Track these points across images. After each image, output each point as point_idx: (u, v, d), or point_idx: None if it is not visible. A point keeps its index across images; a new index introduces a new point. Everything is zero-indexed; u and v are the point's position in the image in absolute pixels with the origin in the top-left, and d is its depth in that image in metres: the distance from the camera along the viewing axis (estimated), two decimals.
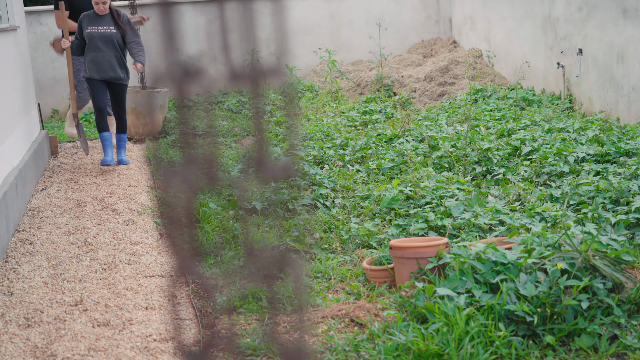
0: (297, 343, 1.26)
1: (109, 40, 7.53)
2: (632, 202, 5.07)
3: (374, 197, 5.81)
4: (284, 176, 1.28)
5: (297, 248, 4.92)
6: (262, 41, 8.83)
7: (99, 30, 7.53)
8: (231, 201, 5.88)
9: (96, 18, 7.57)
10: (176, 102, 1.36)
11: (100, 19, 7.57)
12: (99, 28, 7.54)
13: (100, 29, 7.53)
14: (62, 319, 4.15)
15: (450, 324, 3.46)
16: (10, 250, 5.34)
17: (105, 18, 7.57)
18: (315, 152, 7.34)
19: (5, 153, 6.07)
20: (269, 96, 10.79)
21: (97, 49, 7.51)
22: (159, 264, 4.98)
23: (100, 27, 7.54)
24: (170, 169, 1.25)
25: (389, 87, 11.33)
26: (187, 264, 1.26)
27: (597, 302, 3.64)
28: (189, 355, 1.28)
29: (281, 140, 7.94)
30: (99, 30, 7.53)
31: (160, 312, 4.22)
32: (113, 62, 7.57)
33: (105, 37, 7.52)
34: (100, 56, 7.52)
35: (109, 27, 7.55)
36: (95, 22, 7.57)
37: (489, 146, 6.94)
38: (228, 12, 1.29)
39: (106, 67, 7.55)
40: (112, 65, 7.56)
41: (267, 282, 1.29)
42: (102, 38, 7.52)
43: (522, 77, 10.46)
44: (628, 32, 7.87)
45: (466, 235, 4.81)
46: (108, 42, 7.53)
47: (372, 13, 12.78)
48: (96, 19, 7.57)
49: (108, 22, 7.56)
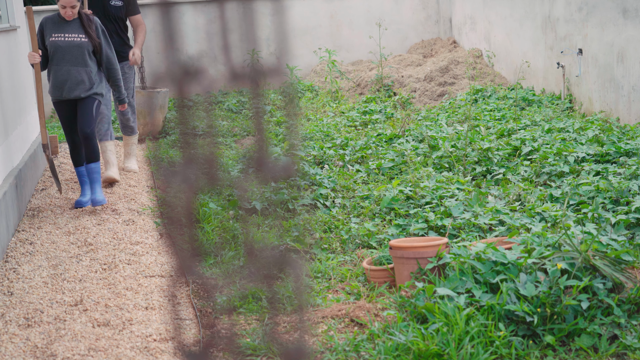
0: (297, 343, 1.26)
1: (78, 52, 6.13)
2: (632, 202, 5.07)
3: (374, 197, 5.81)
4: (284, 176, 1.28)
5: (297, 248, 4.92)
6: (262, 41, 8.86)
7: (66, 39, 6.13)
8: (231, 201, 5.88)
9: (62, 24, 6.17)
10: (176, 102, 1.36)
11: (67, 25, 6.17)
12: (65, 36, 6.14)
13: (67, 37, 6.14)
14: (62, 319, 4.15)
15: (450, 324, 3.46)
16: (10, 250, 5.34)
17: (73, 24, 6.17)
18: (315, 152, 7.34)
19: (5, 153, 6.07)
20: (269, 96, 10.79)
21: (62, 61, 6.12)
22: (159, 264, 4.98)
23: (67, 34, 6.14)
24: (170, 169, 1.25)
25: (389, 87, 11.33)
26: (187, 264, 1.26)
27: (597, 302, 3.64)
28: (189, 355, 1.28)
29: (281, 140, 7.94)
30: (65, 38, 6.13)
31: (160, 312, 4.22)
32: (80, 78, 6.14)
33: (73, 48, 6.12)
34: (66, 71, 6.12)
35: (78, 35, 6.15)
36: (60, 29, 6.16)
37: (489, 146, 6.94)
38: (228, 12, 1.29)
39: (72, 84, 6.13)
40: (78, 83, 6.13)
41: (267, 282, 1.29)
42: (69, 48, 6.12)
43: (522, 77, 10.46)
44: (628, 32, 7.87)
45: (466, 235, 4.81)
46: (76, 53, 6.13)
47: (372, 13, 12.78)
48: (62, 25, 6.17)
49: (77, 29, 6.16)
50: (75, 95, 6.13)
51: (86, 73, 6.13)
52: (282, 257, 1.27)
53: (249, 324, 3.92)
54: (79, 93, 6.14)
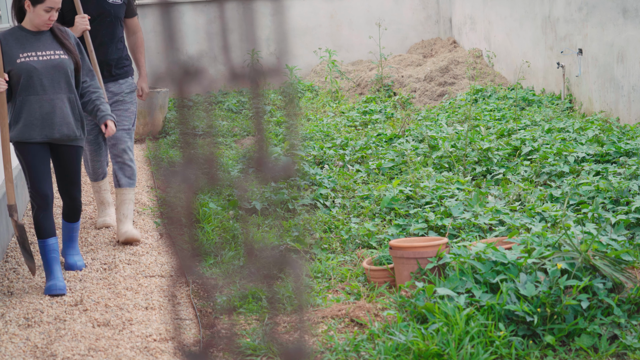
0: (297, 343, 1.27)
1: (60, 74, 4.51)
2: (632, 202, 5.07)
3: (374, 197, 5.81)
4: (284, 176, 1.28)
5: (297, 248, 4.92)
6: (262, 41, 8.87)
7: (41, 58, 4.48)
8: (231, 201, 5.88)
9: (29, 39, 4.52)
10: (176, 102, 1.36)
11: (36, 39, 4.53)
12: (38, 54, 4.49)
13: (41, 55, 4.49)
14: (62, 319, 4.15)
15: (450, 324, 3.46)
16: (10, 250, 5.34)
17: (44, 38, 4.55)
18: (315, 152, 7.34)
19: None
20: (269, 96, 10.79)
21: (39, 89, 4.47)
22: (159, 264, 4.98)
23: (41, 52, 4.50)
24: (170, 169, 1.25)
25: (389, 87, 11.33)
26: (187, 264, 1.26)
27: (597, 302, 3.64)
28: (189, 355, 1.28)
29: (281, 140, 7.94)
30: (39, 57, 4.48)
31: (160, 312, 4.22)
32: (66, 110, 4.54)
33: (52, 69, 4.50)
34: (47, 102, 4.49)
35: (55, 52, 4.53)
36: (29, 46, 4.50)
37: (489, 146, 6.94)
38: (228, 12, 1.30)
39: (56, 119, 4.52)
40: (64, 116, 4.54)
41: (267, 282, 1.29)
42: (47, 71, 4.48)
43: (522, 77, 10.47)
44: (628, 32, 7.87)
45: (466, 235, 4.81)
46: (57, 77, 4.51)
47: (372, 13, 12.78)
48: (30, 40, 4.52)
49: (50, 44, 4.54)
50: (62, 135, 4.55)
51: (69, 102, 4.55)
52: (282, 257, 1.27)
53: (249, 324, 3.92)
54: (68, 132, 4.57)
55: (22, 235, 4.57)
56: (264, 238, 5.10)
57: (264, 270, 1.27)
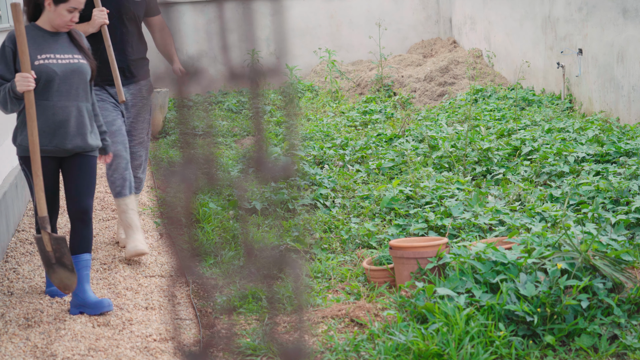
0: (297, 343, 1.26)
1: (79, 80, 4.19)
2: (632, 202, 5.07)
3: (374, 197, 5.81)
4: (283, 176, 1.28)
5: (297, 248, 4.92)
6: (262, 41, 8.84)
7: (60, 62, 4.16)
8: (231, 201, 5.88)
9: (47, 40, 4.19)
10: (176, 102, 1.36)
11: (54, 41, 4.20)
12: (57, 57, 4.16)
13: (60, 58, 4.17)
14: (62, 319, 4.15)
15: (450, 324, 3.46)
16: (10, 250, 5.34)
17: (61, 40, 4.23)
18: (315, 152, 7.34)
19: (5, 153, 6.07)
20: (268, 96, 10.79)
21: (57, 95, 4.14)
22: (159, 264, 4.98)
23: (60, 55, 4.18)
24: (170, 168, 1.25)
25: (389, 87, 11.33)
26: (187, 264, 1.26)
27: (597, 302, 3.64)
28: (189, 355, 1.28)
29: (281, 140, 7.94)
30: (58, 60, 4.16)
31: (160, 312, 4.22)
32: (81, 119, 4.20)
33: (72, 74, 4.17)
34: (63, 109, 4.14)
35: (74, 56, 4.21)
36: (47, 47, 4.17)
37: (489, 146, 6.94)
38: (228, 12, 1.29)
39: (70, 129, 4.17)
40: (79, 126, 4.20)
41: (267, 282, 1.29)
42: (67, 75, 4.15)
43: (522, 77, 10.47)
44: (628, 32, 7.87)
45: (466, 235, 4.81)
46: (76, 82, 4.18)
47: (372, 13, 12.78)
48: (47, 41, 4.18)
49: (68, 47, 4.23)
50: (75, 146, 4.19)
51: (86, 111, 4.23)
52: (281, 257, 1.27)
53: (248, 324, 3.92)
54: (82, 144, 4.22)
55: (62, 248, 4.04)
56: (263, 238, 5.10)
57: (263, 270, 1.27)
